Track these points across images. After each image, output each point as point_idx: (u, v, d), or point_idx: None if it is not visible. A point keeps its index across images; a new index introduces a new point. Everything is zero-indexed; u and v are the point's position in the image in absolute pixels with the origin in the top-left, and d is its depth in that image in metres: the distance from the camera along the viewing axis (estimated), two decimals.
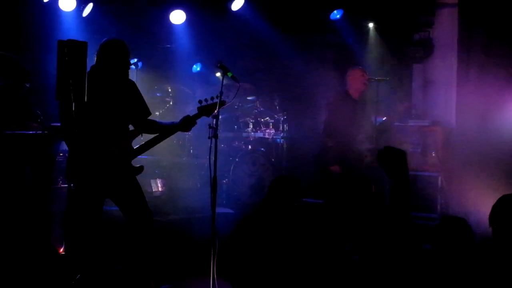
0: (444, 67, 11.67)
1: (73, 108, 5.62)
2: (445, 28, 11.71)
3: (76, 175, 6.25)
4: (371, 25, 11.67)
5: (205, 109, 6.74)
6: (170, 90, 11.03)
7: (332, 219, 8.54)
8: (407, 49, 12.07)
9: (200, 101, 6.75)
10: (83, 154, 6.27)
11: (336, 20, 11.81)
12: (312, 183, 10.10)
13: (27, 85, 8.20)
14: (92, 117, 6.37)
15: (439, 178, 10.40)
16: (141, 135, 6.81)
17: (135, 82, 6.87)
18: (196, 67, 12.19)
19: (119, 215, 6.69)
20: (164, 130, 6.79)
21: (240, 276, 2.92)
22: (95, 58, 6.58)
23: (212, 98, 6.76)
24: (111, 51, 6.51)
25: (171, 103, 10.92)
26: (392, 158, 3.39)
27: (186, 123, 6.79)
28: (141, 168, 6.64)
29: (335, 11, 11.72)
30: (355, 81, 9.18)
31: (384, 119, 10.48)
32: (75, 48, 5.43)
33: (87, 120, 6.31)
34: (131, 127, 6.79)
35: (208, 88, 11.00)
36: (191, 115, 6.78)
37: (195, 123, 6.84)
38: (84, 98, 5.55)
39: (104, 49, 6.53)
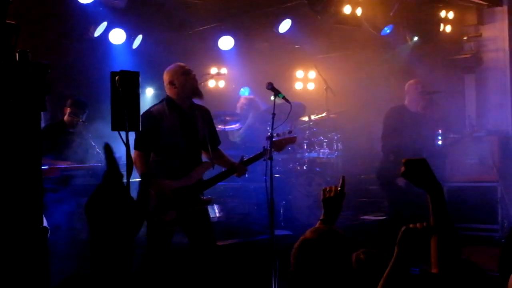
0: (496, 75, 11.54)
1: (126, 137, 5.67)
2: (495, 36, 11.58)
3: (150, 206, 6.27)
4: (419, 38, 11.55)
5: (278, 145, 6.74)
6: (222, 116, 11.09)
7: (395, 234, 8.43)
8: (458, 59, 11.96)
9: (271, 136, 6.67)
10: (159, 185, 6.31)
11: (386, 36, 11.70)
12: (371, 199, 10.03)
13: (83, 118, 8.35)
14: (169, 147, 6.41)
15: (499, 188, 10.23)
16: (213, 167, 6.76)
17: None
18: (244, 91, 12.17)
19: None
20: (223, 167, 6.83)
21: None
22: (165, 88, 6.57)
23: (283, 134, 6.81)
24: (181, 76, 6.49)
25: (225, 129, 10.97)
26: (416, 170, 3.37)
27: (241, 168, 6.80)
28: (209, 200, 6.66)
29: (385, 28, 11.60)
30: (409, 93, 9.12)
31: (439, 131, 10.39)
32: (127, 79, 5.49)
33: (164, 150, 6.39)
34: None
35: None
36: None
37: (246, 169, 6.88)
38: (139, 128, 5.60)
39: (173, 75, 6.50)
